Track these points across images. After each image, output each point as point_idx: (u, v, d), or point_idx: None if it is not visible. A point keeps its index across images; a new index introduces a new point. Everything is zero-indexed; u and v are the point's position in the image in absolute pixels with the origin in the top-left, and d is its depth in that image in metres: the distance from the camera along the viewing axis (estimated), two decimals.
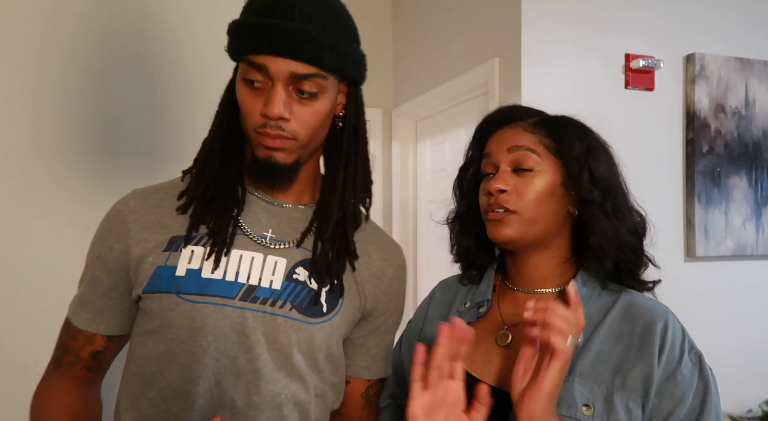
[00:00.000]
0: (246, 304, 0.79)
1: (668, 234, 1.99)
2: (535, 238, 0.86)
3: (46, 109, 1.29)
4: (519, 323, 0.86)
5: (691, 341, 0.81)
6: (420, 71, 2.60)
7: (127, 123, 1.35)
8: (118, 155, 1.35)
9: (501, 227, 0.85)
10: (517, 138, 0.86)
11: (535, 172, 0.84)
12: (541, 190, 0.84)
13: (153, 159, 1.34)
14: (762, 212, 2.10)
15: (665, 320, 0.80)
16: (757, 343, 2.12)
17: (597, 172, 0.85)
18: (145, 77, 1.35)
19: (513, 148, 0.86)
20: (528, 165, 0.84)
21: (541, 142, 0.85)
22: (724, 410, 2.01)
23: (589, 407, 0.76)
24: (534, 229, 0.85)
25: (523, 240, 0.85)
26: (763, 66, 2.10)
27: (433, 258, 2.64)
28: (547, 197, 0.84)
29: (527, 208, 0.84)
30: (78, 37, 1.31)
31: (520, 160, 0.85)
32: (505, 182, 0.84)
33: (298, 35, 0.75)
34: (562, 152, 0.85)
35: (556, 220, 0.86)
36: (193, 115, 1.36)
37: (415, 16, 2.68)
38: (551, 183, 0.85)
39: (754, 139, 2.08)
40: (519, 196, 0.84)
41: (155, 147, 1.36)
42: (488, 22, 2.03)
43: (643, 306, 0.82)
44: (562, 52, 1.87)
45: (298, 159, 0.82)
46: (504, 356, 0.85)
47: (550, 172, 0.85)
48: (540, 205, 0.84)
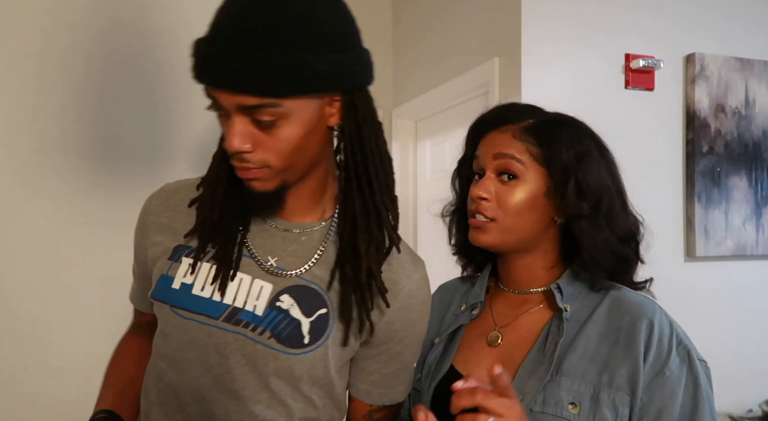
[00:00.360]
0: (228, 326, 0.77)
1: (668, 234, 1.99)
2: (516, 244, 0.86)
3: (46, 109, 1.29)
4: (510, 323, 0.88)
5: (680, 335, 0.80)
6: (420, 71, 2.60)
7: (128, 122, 1.35)
8: (118, 155, 1.35)
9: (479, 234, 0.86)
10: (504, 145, 0.86)
11: (519, 181, 0.84)
12: (523, 200, 0.84)
13: (153, 158, 1.34)
14: (762, 212, 2.10)
15: (651, 315, 0.79)
16: (757, 343, 2.12)
17: (585, 181, 0.83)
18: (146, 77, 1.35)
19: (498, 155, 0.85)
20: (512, 173, 0.84)
21: (527, 150, 0.84)
22: (724, 410, 2.01)
23: (575, 405, 0.76)
24: (513, 237, 0.85)
25: (502, 246, 0.86)
26: (763, 66, 2.10)
27: (433, 258, 2.64)
28: (529, 207, 0.84)
29: (506, 218, 0.84)
30: (78, 37, 1.31)
31: (505, 167, 0.84)
32: (486, 190, 0.85)
33: (229, 63, 0.66)
34: (548, 161, 0.84)
35: (538, 228, 0.86)
36: (193, 114, 1.36)
37: (415, 16, 2.68)
38: (534, 193, 0.84)
39: (754, 139, 2.08)
40: (499, 205, 0.84)
41: (155, 146, 1.36)
42: (488, 22, 2.03)
43: (629, 302, 0.82)
44: (562, 52, 1.87)
45: (282, 184, 0.76)
46: (494, 356, 0.86)
47: (534, 182, 0.84)
48: (520, 215, 0.84)
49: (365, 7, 2.85)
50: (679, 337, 0.79)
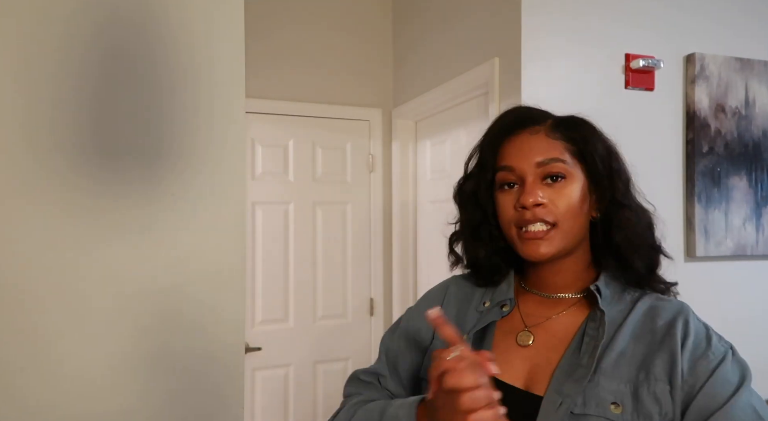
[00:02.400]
0: None
1: (668, 234, 1.98)
2: (569, 250, 0.84)
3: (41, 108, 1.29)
4: (540, 324, 0.85)
5: (719, 334, 0.80)
6: (420, 71, 2.60)
7: (125, 122, 1.35)
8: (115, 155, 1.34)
9: (539, 246, 0.81)
10: (543, 149, 0.82)
11: (567, 181, 0.81)
12: (578, 198, 0.82)
13: (151, 159, 1.34)
14: (762, 212, 2.09)
15: (686, 316, 0.79)
16: (757, 343, 2.11)
17: (618, 170, 0.84)
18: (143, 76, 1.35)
19: (543, 162, 0.81)
20: (560, 174, 0.81)
21: (566, 148, 0.82)
22: None
23: (618, 405, 0.74)
24: (571, 241, 0.83)
25: (559, 254, 0.83)
26: (763, 66, 2.09)
27: (434, 258, 2.64)
28: (581, 206, 0.82)
29: (566, 220, 0.81)
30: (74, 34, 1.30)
31: (551, 171, 0.81)
32: (539, 196, 0.80)
33: None
34: (585, 156, 0.82)
35: (585, 225, 0.84)
36: (192, 114, 1.36)
37: (415, 16, 2.68)
38: (582, 189, 0.82)
39: (754, 139, 2.08)
40: (555, 207, 0.81)
41: (153, 147, 1.35)
42: (488, 22, 2.03)
43: (663, 306, 0.82)
44: (562, 52, 1.87)
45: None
46: (525, 356, 0.83)
47: (580, 179, 0.83)
48: (576, 215, 0.82)
49: (365, 8, 2.85)
50: (718, 334, 0.79)
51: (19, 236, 1.27)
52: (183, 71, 1.36)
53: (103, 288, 1.26)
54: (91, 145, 1.32)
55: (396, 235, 2.84)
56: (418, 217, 2.82)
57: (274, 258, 2.67)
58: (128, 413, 1.25)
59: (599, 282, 0.83)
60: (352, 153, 2.83)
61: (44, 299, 1.24)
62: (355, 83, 2.82)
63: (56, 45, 1.29)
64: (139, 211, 1.29)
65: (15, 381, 1.22)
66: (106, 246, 1.27)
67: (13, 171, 1.27)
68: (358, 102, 2.83)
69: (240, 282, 1.35)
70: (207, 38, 1.36)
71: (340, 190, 2.80)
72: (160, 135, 1.34)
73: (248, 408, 2.59)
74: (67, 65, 1.30)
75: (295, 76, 2.70)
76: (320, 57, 2.75)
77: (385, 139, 2.87)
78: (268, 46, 2.64)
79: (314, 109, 2.74)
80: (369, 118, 2.84)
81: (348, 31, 2.81)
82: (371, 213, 2.86)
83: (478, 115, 2.19)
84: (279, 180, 2.70)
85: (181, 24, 1.36)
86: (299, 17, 2.73)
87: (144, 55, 1.35)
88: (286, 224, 2.70)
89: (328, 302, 2.76)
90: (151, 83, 1.35)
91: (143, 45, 1.35)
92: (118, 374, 1.26)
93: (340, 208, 2.80)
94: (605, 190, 0.83)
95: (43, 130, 1.29)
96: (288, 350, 2.67)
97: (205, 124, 1.36)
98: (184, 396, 1.30)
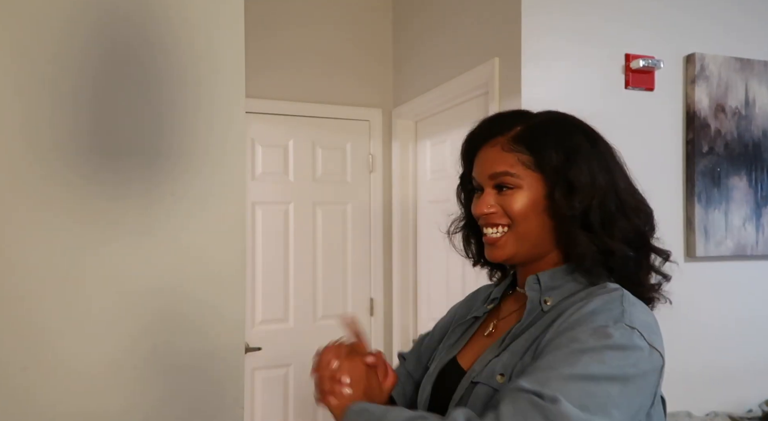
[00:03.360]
0: None
1: (668, 234, 1.98)
2: (529, 251, 0.87)
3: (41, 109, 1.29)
4: (506, 317, 0.92)
5: (627, 319, 0.74)
6: (420, 71, 2.60)
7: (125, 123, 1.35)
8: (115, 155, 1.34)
9: (494, 250, 0.88)
10: (495, 161, 0.87)
11: (516, 190, 0.85)
12: (525, 204, 0.84)
13: (151, 159, 1.34)
14: (762, 212, 2.09)
15: (597, 300, 0.77)
16: (757, 343, 2.12)
17: (578, 180, 0.82)
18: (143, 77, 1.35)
19: (493, 175, 0.87)
20: (508, 185, 0.86)
21: (518, 160, 0.85)
22: (724, 410, 2.01)
23: (503, 376, 0.79)
24: (526, 243, 0.86)
25: (518, 257, 0.87)
26: (763, 66, 2.09)
27: (433, 258, 2.64)
28: (533, 210, 0.85)
29: (518, 223, 0.85)
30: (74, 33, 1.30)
31: (501, 182, 0.86)
32: (487, 204, 0.87)
33: None
34: (540, 166, 0.84)
35: (546, 232, 0.86)
36: (192, 114, 1.36)
37: (415, 16, 2.68)
38: (534, 196, 0.84)
39: (754, 139, 2.08)
40: (508, 211, 0.86)
41: (153, 147, 1.35)
42: (488, 22, 2.03)
43: (592, 292, 0.80)
44: (562, 52, 1.87)
45: None
46: (483, 344, 0.91)
47: (533, 187, 0.85)
48: (527, 218, 0.85)
49: (365, 7, 2.85)
50: (623, 319, 0.74)
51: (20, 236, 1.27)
52: (183, 72, 1.36)
53: (104, 288, 1.26)
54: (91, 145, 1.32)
55: (396, 235, 2.84)
56: (418, 217, 2.82)
57: (274, 258, 2.67)
58: (128, 412, 1.25)
59: (543, 273, 0.86)
60: (352, 153, 2.83)
61: (46, 299, 1.24)
62: (355, 83, 2.82)
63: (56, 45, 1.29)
64: (140, 211, 1.29)
65: (17, 380, 1.22)
66: (106, 246, 1.27)
67: (14, 172, 1.27)
68: (358, 102, 2.83)
69: (240, 282, 1.35)
70: (207, 38, 1.36)
71: (340, 190, 2.80)
72: (160, 135, 1.34)
73: (248, 408, 2.59)
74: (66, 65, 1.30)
75: (295, 76, 2.70)
76: (320, 57, 2.75)
77: (385, 139, 2.87)
78: (268, 46, 2.64)
79: (314, 109, 2.74)
80: (369, 118, 2.84)
81: (348, 31, 2.81)
82: (371, 213, 2.85)
83: (478, 115, 2.17)
84: (279, 180, 2.70)
85: (182, 24, 1.36)
86: (299, 17, 2.73)
87: (144, 56, 1.35)
88: (286, 224, 2.70)
89: (328, 302, 2.76)
90: (152, 84, 1.35)
91: (143, 46, 1.35)
92: (119, 373, 1.26)
93: (340, 208, 2.80)
94: (559, 199, 0.83)
95: (44, 131, 1.29)
96: (288, 350, 2.67)
97: (206, 124, 1.36)
98: (185, 395, 1.31)
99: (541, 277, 0.86)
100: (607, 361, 0.69)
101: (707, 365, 2.02)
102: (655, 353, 0.74)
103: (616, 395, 0.68)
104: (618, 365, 0.70)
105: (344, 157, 2.82)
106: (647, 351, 0.72)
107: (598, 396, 0.67)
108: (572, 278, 0.85)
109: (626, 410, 0.69)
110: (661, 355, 0.75)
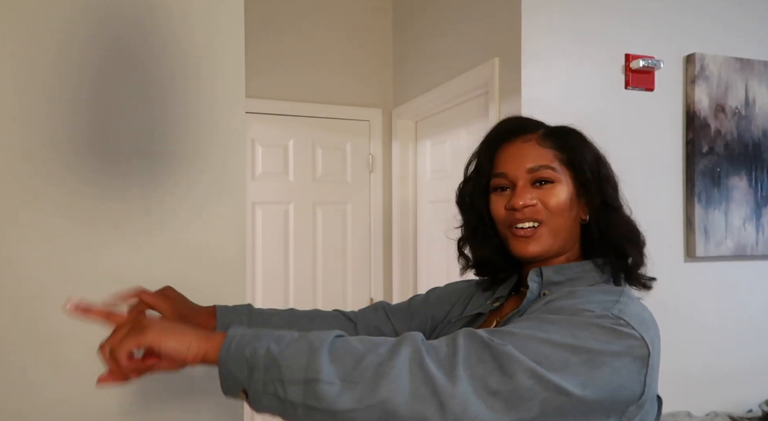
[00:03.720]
0: None
1: (668, 234, 1.99)
2: (559, 248, 0.88)
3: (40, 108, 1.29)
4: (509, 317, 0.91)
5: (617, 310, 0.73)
6: (420, 71, 2.60)
7: (124, 122, 1.35)
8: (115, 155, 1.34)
9: (527, 244, 0.87)
10: (533, 156, 0.88)
11: (555, 185, 0.87)
12: (564, 199, 0.87)
13: (151, 159, 1.34)
14: (762, 212, 2.09)
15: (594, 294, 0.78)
16: (757, 343, 2.12)
17: (607, 176, 0.89)
18: (142, 77, 1.35)
19: (533, 168, 0.87)
20: (549, 179, 0.87)
21: (555, 156, 0.88)
22: (724, 410, 2.01)
23: None
24: (559, 240, 0.87)
25: (547, 253, 0.88)
26: (763, 66, 2.10)
27: (433, 257, 2.64)
28: (568, 207, 0.87)
29: (552, 219, 0.86)
30: (73, 33, 1.30)
31: (541, 177, 0.87)
32: (529, 198, 0.86)
33: None
34: (574, 163, 0.88)
35: (574, 229, 0.89)
36: (192, 114, 1.36)
37: (415, 16, 2.68)
38: (569, 193, 0.88)
39: (754, 139, 2.08)
40: (545, 206, 0.87)
41: (153, 147, 1.35)
42: (488, 22, 2.03)
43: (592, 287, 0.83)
44: (562, 53, 1.87)
45: None
46: None
47: (568, 183, 0.88)
48: (563, 214, 0.87)
49: (366, 7, 2.85)
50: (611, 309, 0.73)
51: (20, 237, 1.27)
52: (183, 71, 1.36)
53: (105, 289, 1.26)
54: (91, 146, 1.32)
55: (396, 235, 2.85)
56: (418, 217, 2.82)
57: (274, 258, 2.67)
58: (129, 412, 1.25)
59: (548, 268, 0.87)
60: (352, 153, 2.83)
61: (46, 299, 1.24)
62: (355, 83, 2.82)
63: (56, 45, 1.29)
64: (140, 212, 1.29)
65: (19, 379, 1.23)
66: (107, 247, 1.27)
67: (13, 172, 1.27)
68: (358, 102, 2.83)
69: (240, 282, 1.35)
70: (207, 38, 1.36)
71: (340, 190, 2.80)
72: (160, 136, 1.34)
73: (248, 408, 2.58)
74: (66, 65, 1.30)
75: (295, 76, 2.70)
76: (320, 57, 2.75)
77: (385, 140, 2.87)
78: (269, 46, 2.64)
79: (314, 109, 2.74)
80: (369, 118, 2.84)
81: (348, 31, 2.81)
82: (371, 213, 2.86)
83: (478, 115, 2.19)
84: (279, 180, 2.70)
85: (182, 25, 1.36)
86: (299, 17, 2.73)
87: (144, 56, 1.35)
88: (286, 224, 2.71)
89: (328, 301, 2.76)
90: (151, 84, 1.35)
91: (143, 46, 1.35)
92: None
93: (340, 208, 2.80)
94: (594, 194, 0.88)
95: (44, 131, 1.29)
96: None
97: (206, 124, 1.36)
98: (185, 395, 1.31)
99: (545, 271, 0.87)
100: (575, 333, 0.68)
101: (707, 365, 2.02)
102: (637, 339, 0.70)
103: (577, 363, 0.66)
104: (583, 338, 0.68)
105: (344, 157, 2.82)
106: (625, 335, 0.70)
107: (553, 358, 0.66)
108: (577, 275, 0.86)
109: (592, 384, 0.66)
110: (646, 344, 0.71)
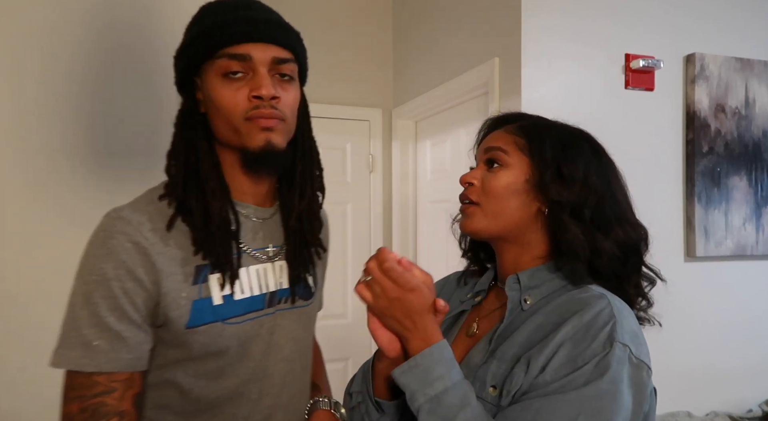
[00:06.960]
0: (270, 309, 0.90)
1: (668, 234, 1.99)
2: (501, 231, 0.88)
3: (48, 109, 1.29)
4: (487, 315, 0.92)
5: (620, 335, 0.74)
6: (420, 71, 2.60)
7: (129, 123, 1.35)
8: (119, 155, 1.34)
9: (465, 219, 0.91)
10: (494, 140, 0.92)
11: (502, 168, 0.88)
12: (504, 184, 0.87)
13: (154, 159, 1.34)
14: (762, 212, 2.09)
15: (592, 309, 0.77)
16: (757, 343, 2.12)
17: (571, 175, 0.84)
18: (146, 77, 1.35)
19: (488, 149, 0.91)
20: (497, 160, 0.89)
21: (514, 141, 0.89)
22: (724, 410, 2.01)
23: (495, 388, 0.79)
24: (497, 222, 0.88)
25: (486, 232, 0.89)
26: (763, 66, 2.09)
27: (433, 258, 2.64)
28: (510, 192, 0.87)
29: (488, 202, 0.88)
30: (80, 37, 1.31)
31: (491, 157, 0.90)
32: (473, 177, 0.91)
33: (273, 23, 0.83)
34: (531, 151, 0.88)
35: (524, 215, 0.87)
36: None
37: (415, 16, 2.68)
38: (515, 178, 0.87)
39: (754, 139, 2.08)
40: (483, 189, 0.89)
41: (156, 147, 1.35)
42: (488, 22, 2.03)
43: (579, 299, 0.79)
44: (563, 53, 1.87)
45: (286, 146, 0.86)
46: (467, 345, 0.90)
47: (517, 168, 0.88)
48: (501, 198, 0.87)
49: (365, 7, 2.85)
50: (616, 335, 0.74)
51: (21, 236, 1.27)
52: None
53: None
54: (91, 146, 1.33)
55: (396, 235, 2.85)
56: (418, 217, 2.82)
57: None
58: None
59: (524, 272, 0.87)
60: (352, 153, 2.83)
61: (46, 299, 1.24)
62: (355, 83, 2.82)
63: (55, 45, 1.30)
64: None
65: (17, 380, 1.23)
66: None
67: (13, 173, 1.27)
68: (358, 102, 2.83)
69: None
70: None
71: (340, 190, 2.80)
72: (159, 136, 1.34)
73: None
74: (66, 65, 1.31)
75: None
76: (320, 57, 2.75)
77: (385, 139, 2.87)
78: None
79: (314, 109, 2.68)
80: (369, 118, 2.84)
81: (348, 31, 2.81)
82: (371, 213, 2.86)
83: (478, 115, 2.19)
84: None
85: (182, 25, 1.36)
86: (299, 17, 2.71)
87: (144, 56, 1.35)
88: None
89: (328, 302, 2.74)
90: (151, 84, 1.35)
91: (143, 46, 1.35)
92: None
93: (340, 208, 2.80)
94: (546, 188, 0.85)
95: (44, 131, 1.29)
96: None
97: None
98: None
99: (521, 276, 0.87)
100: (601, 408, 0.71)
101: (707, 365, 2.02)
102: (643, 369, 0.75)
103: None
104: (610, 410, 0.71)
105: (344, 157, 2.82)
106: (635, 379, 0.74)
107: None
108: (553, 277, 0.86)
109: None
110: (647, 366, 0.76)
